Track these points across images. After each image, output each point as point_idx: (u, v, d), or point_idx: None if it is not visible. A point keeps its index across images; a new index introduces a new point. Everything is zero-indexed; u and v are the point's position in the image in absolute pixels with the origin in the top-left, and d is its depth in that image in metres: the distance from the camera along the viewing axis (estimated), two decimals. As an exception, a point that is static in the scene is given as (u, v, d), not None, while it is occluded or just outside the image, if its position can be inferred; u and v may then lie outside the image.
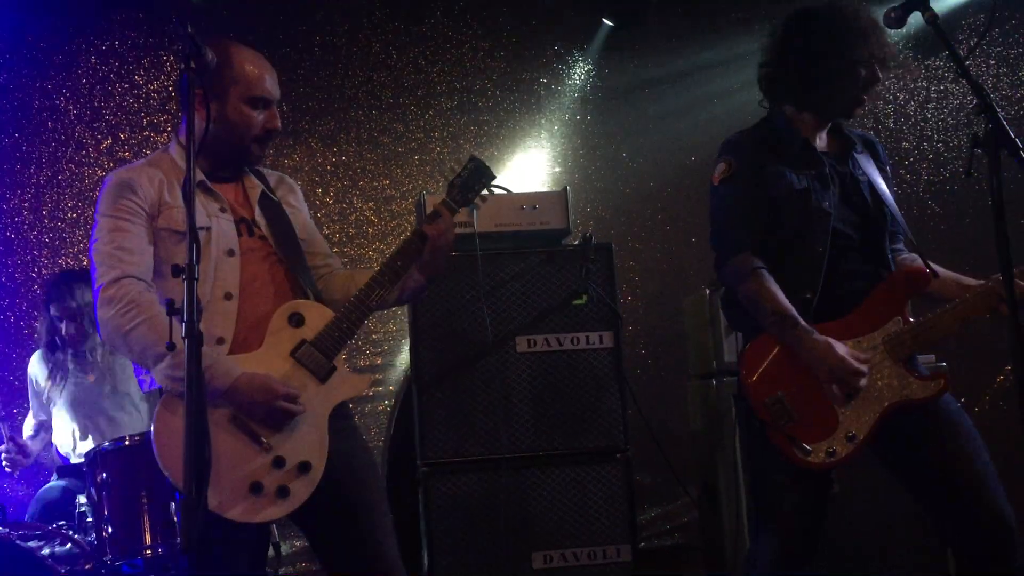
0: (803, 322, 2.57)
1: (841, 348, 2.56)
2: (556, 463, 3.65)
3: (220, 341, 2.41)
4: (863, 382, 2.55)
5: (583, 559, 3.61)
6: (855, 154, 2.77)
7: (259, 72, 2.53)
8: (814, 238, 2.65)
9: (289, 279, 2.55)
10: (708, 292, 4.06)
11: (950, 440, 2.58)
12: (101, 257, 2.42)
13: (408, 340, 3.81)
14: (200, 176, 2.51)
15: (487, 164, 2.68)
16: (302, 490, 2.38)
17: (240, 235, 2.52)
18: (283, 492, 2.35)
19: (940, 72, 5.48)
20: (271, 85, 2.55)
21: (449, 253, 2.59)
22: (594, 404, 3.69)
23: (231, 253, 2.48)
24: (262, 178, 2.70)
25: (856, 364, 2.54)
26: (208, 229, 2.46)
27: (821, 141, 2.78)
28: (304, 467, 2.38)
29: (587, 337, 3.73)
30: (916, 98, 5.51)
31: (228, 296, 2.44)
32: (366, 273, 2.55)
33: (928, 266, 2.70)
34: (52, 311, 4.08)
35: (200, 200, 2.48)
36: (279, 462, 2.36)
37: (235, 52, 2.52)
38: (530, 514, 3.61)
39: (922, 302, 2.76)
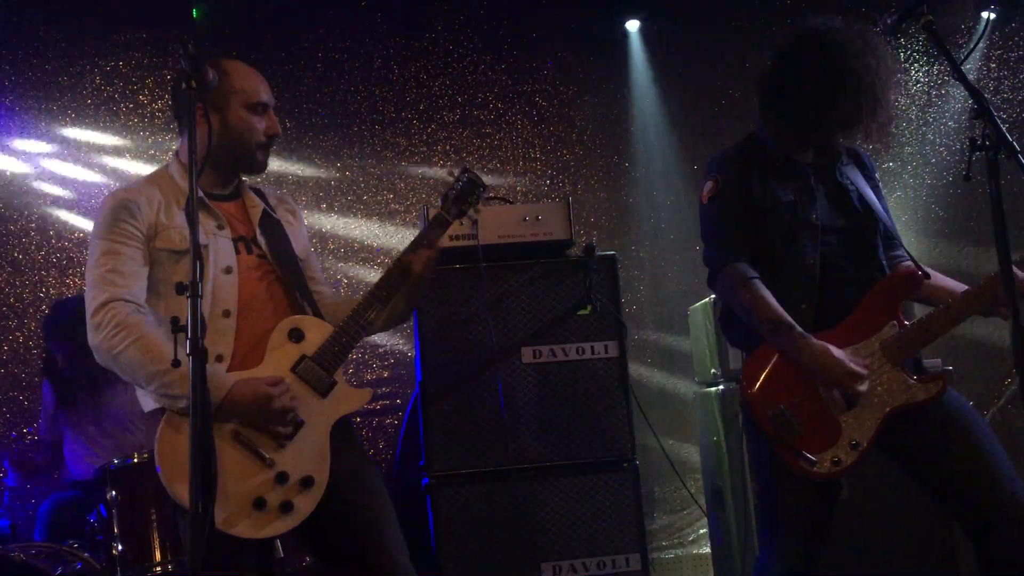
0: (798, 328, 2.58)
1: (838, 352, 2.56)
2: (563, 473, 3.65)
3: (219, 358, 2.43)
4: (863, 387, 2.56)
5: (592, 569, 3.61)
6: (841, 166, 2.78)
7: (255, 79, 2.60)
8: (804, 250, 2.67)
9: (288, 296, 2.57)
10: (712, 300, 4.07)
11: (963, 438, 2.57)
12: (93, 280, 2.44)
13: (414, 353, 3.82)
14: (199, 194, 2.52)
15: (479, 177, 2.71)
16: (306, 505, 2.39)
17: (238, 253, 2.54)
18: (287, 507, 2.37)
19: (941, 76, 5.49)
20: (267, 91, 2.62)
21: (428, 282, 2.63)
22: (601, 414, 3.69)
23: (229, 271, 2.50)
24: (263, 197, 2.73)
25: (854, 367, 2.55)
26: (206, 247, 2.47)
27: (806, 154, 2.79)
28: (307, 482, 2.39)
29: (592, 347, 3.74)
30: (918, 102, 5.52)
31: (226, 313, 2.46)
32: (355, 301, 2.57)
33: (919, 267, 2.71)
34: (49, 344, 4.14)
35: (198, 216, 2.49)
36: (282, 477, 2.38)
37: (228, 64, 2.58)
38: (539, 525, 3.61)
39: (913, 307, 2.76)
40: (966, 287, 2.68)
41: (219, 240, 2.52)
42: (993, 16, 5.34)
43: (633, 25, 5.41)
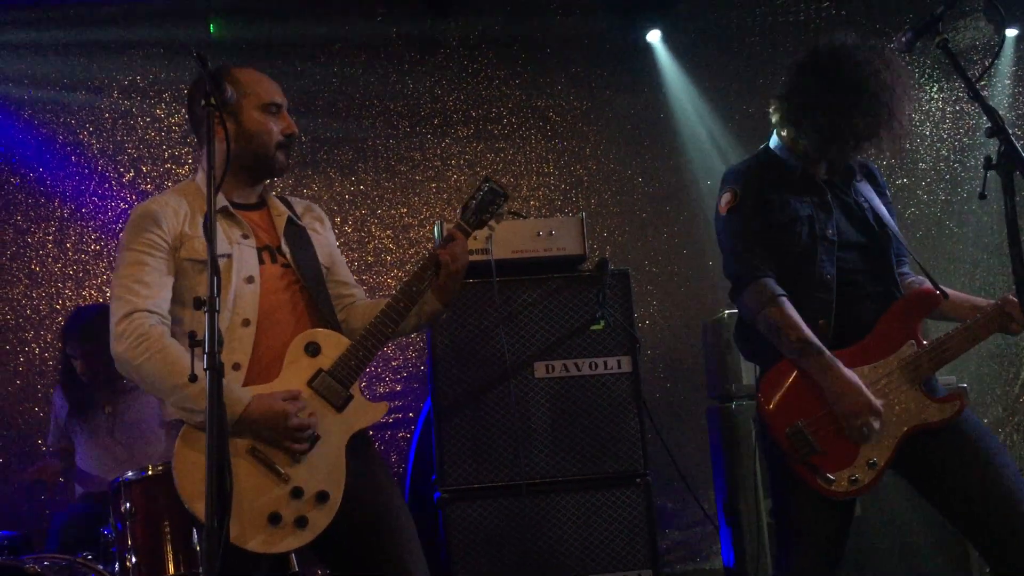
0: (828, 352, 2.57)
1: (868, 392, 2.55)
2: (576, 488, 3.65)
3: (236, 367, 2.43)
4: (877, 424, 2.55)
5: (604, 585, 3.60)
6: (855, 182, 2.78)
7: (266, 82, 2.62)
8: (822, 265, 2.66)
9: (310, 308, 2.57)
10: (726, 315, 4.07)
11: (977, 459, 2.57)
12: (118, 291, 2.46)
13: (427, 367, 3.83)
14: (223, 202, 2.54)
15: (501, 186, 2.69)
16: (320, 520, 2.38)
17: (262, 262, 2.54)
18: (301, 522, 2.36)
19: (955, 93, 5.49)
20: (279, 92, 2.63)
21: (463, 276, 2.61)
22: (613, 429, 3.69)
23: (251, 280, 2.50)
24: (289, 205, 2.73)
25: (877, 404, 2.55)
26: (229, 256, 2.48)
27: (821, 169, 2.79)
28: (322, 497, 2.39)
29: (605, 362, 3.74)
30: (932, 118, 5.52)
31: (246, 323, 2.46)
32: (386, 302, 2.57)
33: (937, 287, 2.70)
34: (68, 350, 4.13)
35: (222, 226, 2.52)
36: (297, 492, 2.37)
37: (238, 72, 2.59)
38: (550, 540, 3.61)
39: (935, 323, 2.76)
40: (983, 302, 2.68)
41: (243, 249, 2.52)
42: (1016, 33, 5.34)
43: (654, 36, 5.40)
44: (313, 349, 2.49)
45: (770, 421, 2.63)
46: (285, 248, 2.59)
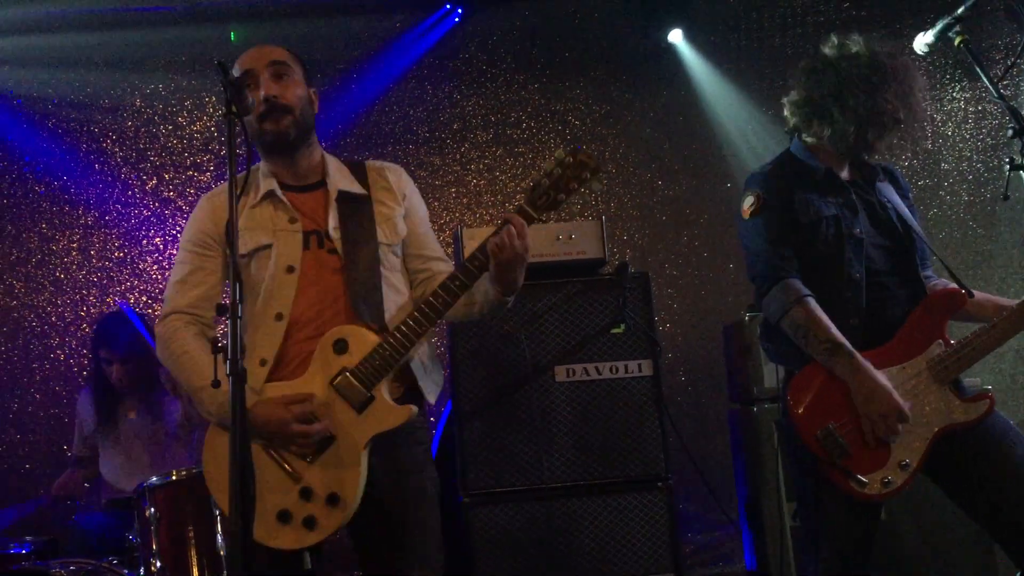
0: (857, 354, 2.56)
1: (897, 395, 2.54)
2: (597, 492, 3.64)
3: (263, 363, 2.42)
4: (902, 428, 2.54)
5: (626, 588, 3.60)
6: (878, 183, 2.77)
7: (240, 60, 2.56)
8: (850, 264, 2.65)
9: (349, 299, 2.46)
10: (747, 318, 4.05)
11: (1004, 458, 2.56)
12: (166, 291, 2.55)
13: (447, 371, 3.83)
14: (272, 186, 2.52)
15: (590, 157, 2.35)
16: (330, 522, 2.36)
17: (307, 247, 2.48)
18: (310, 523, 2.35)
19: (978, 92, 5.44)
20: (254, 59, 2.54)
21: (520, 265, 2.39)
22: (634, 432, 3.69)
23: (291, 270, 2.45)
24: (362, 172, 2.60)
25: (905, 408, 2.53)
26: (269, 247, 2.46)
27: (843, 171, 2.79)
28: (333, 499, 2.35)
29: (626, 365, 3.73)
30: (954, 118, 5.48)
31: (279, 317, 2.43)
32: (432, 288, 2.44)
33: (963, 286, 2.69)
34: (102, 354, 4.14)
35: (268, 213, 2.50)
36: (306, 493, 2.36)
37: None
38: (572, 544, 3.60)
39: (960, 324, 2.76)
40: (1008, 302, 2.66)
41: (287, 236, 2.48)
42: None
43: (676, 36, 5.37)
44: (341, 346, 2.40)
45: (800, 424, 2.61)
46: (335, 233, 2.50)
